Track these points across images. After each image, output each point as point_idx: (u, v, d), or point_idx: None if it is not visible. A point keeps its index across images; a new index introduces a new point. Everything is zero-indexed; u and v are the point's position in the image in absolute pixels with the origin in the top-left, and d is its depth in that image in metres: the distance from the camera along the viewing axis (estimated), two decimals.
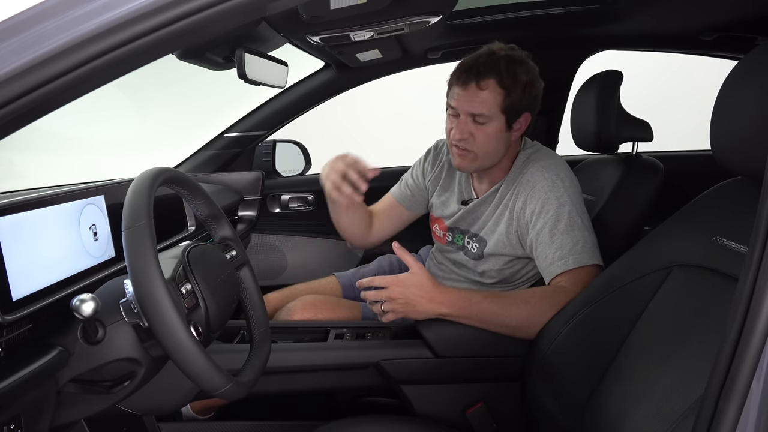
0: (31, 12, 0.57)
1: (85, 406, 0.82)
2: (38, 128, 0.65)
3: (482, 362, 1.20)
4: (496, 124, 1.23)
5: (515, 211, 1.27)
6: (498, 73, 1.20)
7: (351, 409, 1.43)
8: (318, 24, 1.32)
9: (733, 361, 0.53)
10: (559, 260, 1.19)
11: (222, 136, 2.04)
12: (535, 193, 1.24)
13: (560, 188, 1.23)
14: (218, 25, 0.62)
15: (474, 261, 1.38)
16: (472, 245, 1.38)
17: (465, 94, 1.22)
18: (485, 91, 1.21)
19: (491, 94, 1.21)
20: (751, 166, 0.73)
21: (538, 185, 1.24)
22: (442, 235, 1.48)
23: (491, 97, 1.21)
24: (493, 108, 1.22)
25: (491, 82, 1.21)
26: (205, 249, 0.91)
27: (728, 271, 0.80)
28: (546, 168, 1.26)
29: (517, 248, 1.30)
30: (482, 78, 1.20)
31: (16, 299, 0.76)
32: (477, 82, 1.21)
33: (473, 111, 1.22)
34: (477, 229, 1.38)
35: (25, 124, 0.60)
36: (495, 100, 1.21)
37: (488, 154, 1.27)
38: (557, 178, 1.24)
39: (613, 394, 0.89)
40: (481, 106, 1.21)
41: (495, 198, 1.33)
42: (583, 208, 1.25)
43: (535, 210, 1.23)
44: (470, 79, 1.21)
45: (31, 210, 0.82)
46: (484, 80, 1.20)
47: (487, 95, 1.21)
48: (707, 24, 1.63)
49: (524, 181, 1.27)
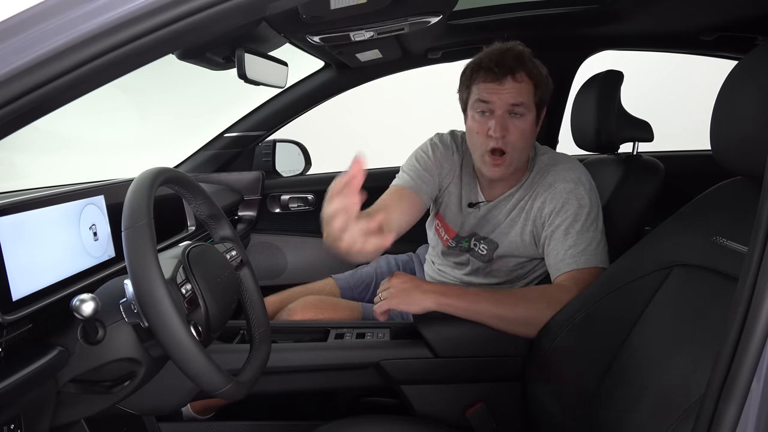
0: (31, 12, 0.57)
1: (85, 406, 0.82)
2: (39, 128, 0.65)
3: (482, 362, 1.20)
4: (530, 117, 1.25)
5: (533, 212, 1.28)
6: (527, 67, 1.23)
7: (351, 409, 1.43)
8: (318, 24, 1.32)
9: (733, 361, 0.53)
10: (570, 258, 1.19)
11: (222, 136, 2.03)
12: (555, 194, 1.25)
13: (581, 191, 1.24)
14: (218, 25, 0.62)
15: (482, 264, 1.38)
16: (480, 247, 1.38)
17: (502, 88, 1.23)
18: (522, 83, 1.23)
19: (527, 87, 1.23)
20: (751, 166, 0.73)
21: (559, 186, 1.25)
22: (446, 239, 1.46)
23: (527, 89, 1.23)
24: (530, 99, 1.24)
25: (524, 76, 1.23)
26: (205, 249, 0.91)
27: (728, 271, 0.80)
28: (568, 170, 1.27)
29: (531, 248, 1.30)
30: (517, 71, 1.22)
31: (16, 299, 0.76)
32: (513, 75, 1.22)
33: (514, 101, 1.22)
34: (487, 232, 1.37)
35: (25, 124, 0.60)
36: (530, 92, 1.24)
37: (521, 151, 1.27)
38: (579, 180, 1.25)
39: (614, 394, 0.89)
40: (521, 95, 1.23)
41: (510, 202, 1.33)
42: (600, 213, 1.26)
43: (555, 209, 1.24)
44: (506, 73, 1.22)
45: (31, 210, 0.82)
46: (518, 73, 1.22)
47: (523, 87, 1.23)
48: (707, 24, 1.63)
49: (545, 184, 1.27)
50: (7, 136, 0.60)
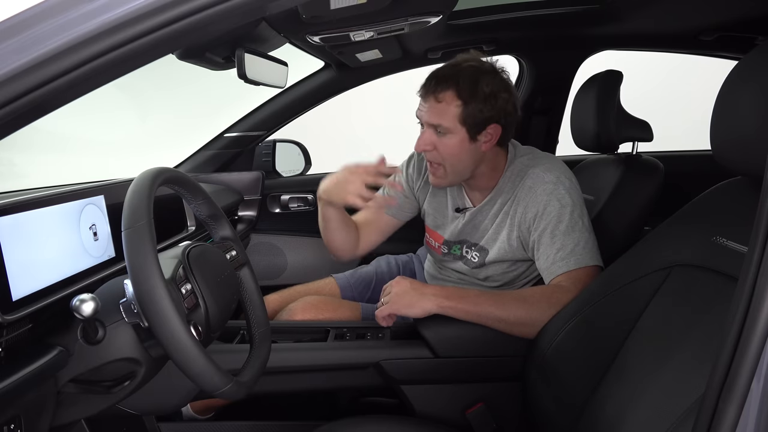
0: (31, 12, 0.57)
1: (85, 406, 0.82)
2: (39, 128, 0.65)
3: (482, 362, 1.20)
4: (457, 136, 1.22)
5: (516, 217, 1.28)
6: (456, 85, 1.20)
7: (351, 409, 1.43)
8: (318, 24, 1.32)
9: (733, 361, 0.53)
10: (560, 261, 1.19)
11: (222, 136, 2.04)
12: (536, 197, 1.24)
13: (561, 190, 1.23)
14: (218, 25, 0.62)
15: (476, 269, 1.38)
16: (472, 254, 1.38)
17: (425, 106, 1.24)
18: (442, 103, 1.21)
19: (448, 106, 1.21)
20: (751, 166, 0.73)
21: (539, 189, 1.24)
22: (437, 247, 1.47)
23: (448, 109, 1.21)
24: (451, 120, 1.21)
25: (448, 94, 1.20)
26: (205, 249, 0.91)
27: (728, 271, 0.80)
28: (546, 171, 1.26)
29: (519, 252, 1.30)
30: (439, 90, 1.21)
31: (16, 299, 0.76)
32: (435, 94, 1.21)
33: (432, 122, 1.23)
34: (477, 238, 1.37)
35: (26, 124, 0.60)
36: (452, 112, 1.21)
37: (455, 166, 1.27)
38: (557, 180, 1.24)
39: (613, 394, 0.89)
40: (439, 117, 1.21)
41: (494, 207, 1.33)
42: (584, 209, 1.25)
43: (538, 213, 1.24)
44: (429, 91, 1.23)
45: (31, 210, 0.82)
46: (441, 92, 1.21)
47: (444, 107, 1.21)
48: (707, 24, 1.64)
49: (525, 187, 1.27)
50: (7, 136, 0.60)
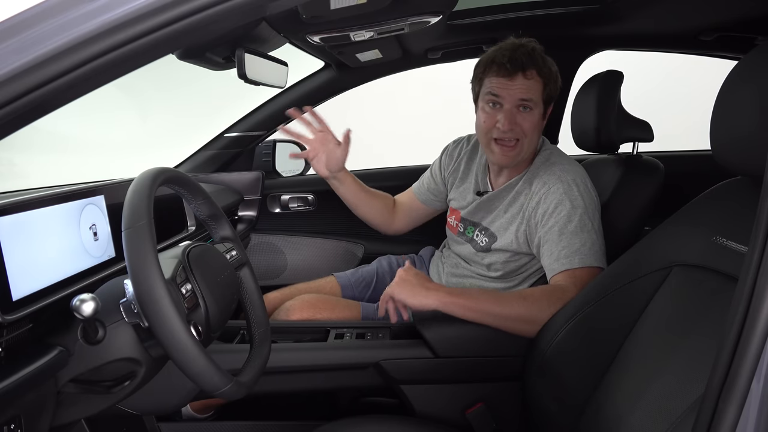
0: (31, 12, 0.57)
1: (85, 406, 0.82)
2: (39, 128, 0.65)
3: (482, 362, 1.20)
4: (537, 112, 1.31)
5: (528, 211, 1.31)
6: (537, 65, 1.29)
7: (351, 409, 1.43)
8: (318, 24, 1.32)
9: (733, 361, 0.53)
10: (564, 258, 1.21)
11: (222, 136, 2.03)
12: (549, 195, 1.27)
13: (575, 192, 1.26)
14: (218, 25, 0.62)
15: (481, 253, 1.42)
16: (481, 238, 1.43)
17: (512, 84, 1.28)
18: (531, 80, 1.28)
19: (536, 84, 1.29)
20: (751, 165, 0.73)
21: (553, 188, 1.28)
22: (455, 225, 1.53)
23: (536, 86, 1.29)
24: (538, 95, 1.30)
25: (533, 73, 1.28)
26: (205, 249, 0.91)
27: (728, 271, 0.80)
28: (564, 171, 1.30)
29: (523, 246, 1.34)
30: (527, 68, 1.28)
31: (16, 299, 0.76)
32: (523, 72, 1.28)
33: (523, 96, 1.28)
34: (488, 222, 1.42)
35: (26, 124, 0.60)
36: (538, 89, 1.30)
37: (533, 141, 1.34)
38: (573, 182, 1.28)
39: (613, 393, 0.89)
40: (529, 92, 1.29)
41: (511, 194, 1.38)
42: (596, 213, 1.28)
43: (548, 210, 1.26)
44: (516, 70, 1.27)
45: (31, 210, 0.82)
46: (529, 71, 1.28)
47: (532, 84, 1.29)
48: (707, 24, 1.63)
49: (541, 182, 1.31)
50: (7, 136, 0.60)
